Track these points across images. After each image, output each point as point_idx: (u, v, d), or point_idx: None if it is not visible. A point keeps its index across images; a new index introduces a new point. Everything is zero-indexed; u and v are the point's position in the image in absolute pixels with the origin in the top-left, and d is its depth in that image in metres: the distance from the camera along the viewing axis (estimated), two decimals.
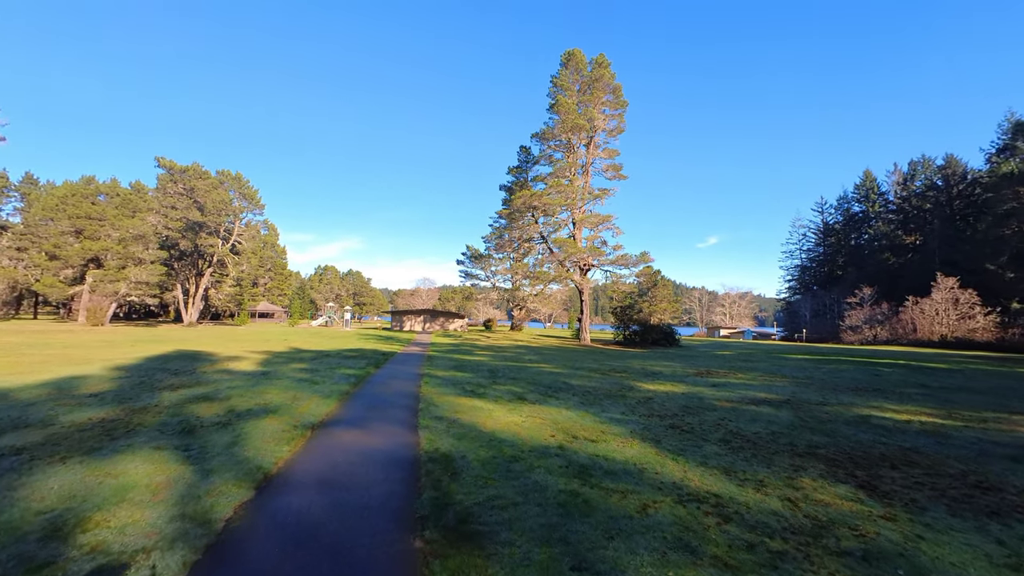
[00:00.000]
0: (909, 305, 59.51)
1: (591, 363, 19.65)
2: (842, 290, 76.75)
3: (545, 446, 6.15)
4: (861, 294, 68.16)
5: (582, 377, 14.19)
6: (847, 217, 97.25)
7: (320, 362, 16.71)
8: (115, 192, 58.51)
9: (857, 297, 68.63)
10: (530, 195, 33.15)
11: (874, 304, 65.73)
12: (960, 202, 75.55)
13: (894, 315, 60.96)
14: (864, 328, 62.10)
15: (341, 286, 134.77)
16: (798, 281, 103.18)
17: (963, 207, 74.70)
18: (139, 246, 46.94)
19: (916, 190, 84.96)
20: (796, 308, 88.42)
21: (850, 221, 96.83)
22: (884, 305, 61.70)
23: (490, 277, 54.97)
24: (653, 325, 39.25)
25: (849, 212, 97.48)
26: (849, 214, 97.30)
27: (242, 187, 58.43)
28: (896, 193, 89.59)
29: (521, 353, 24.55)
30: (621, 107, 37.27)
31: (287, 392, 10.00)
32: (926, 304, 58.19)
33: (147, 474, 4.79)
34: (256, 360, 16.92)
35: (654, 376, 14.99)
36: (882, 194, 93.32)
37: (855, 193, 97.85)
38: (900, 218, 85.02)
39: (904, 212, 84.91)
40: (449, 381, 12.63)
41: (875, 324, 61.51)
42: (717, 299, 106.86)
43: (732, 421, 8.07)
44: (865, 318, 63.04)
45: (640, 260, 31.78)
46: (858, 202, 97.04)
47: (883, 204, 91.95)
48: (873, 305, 65.33)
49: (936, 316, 58.14)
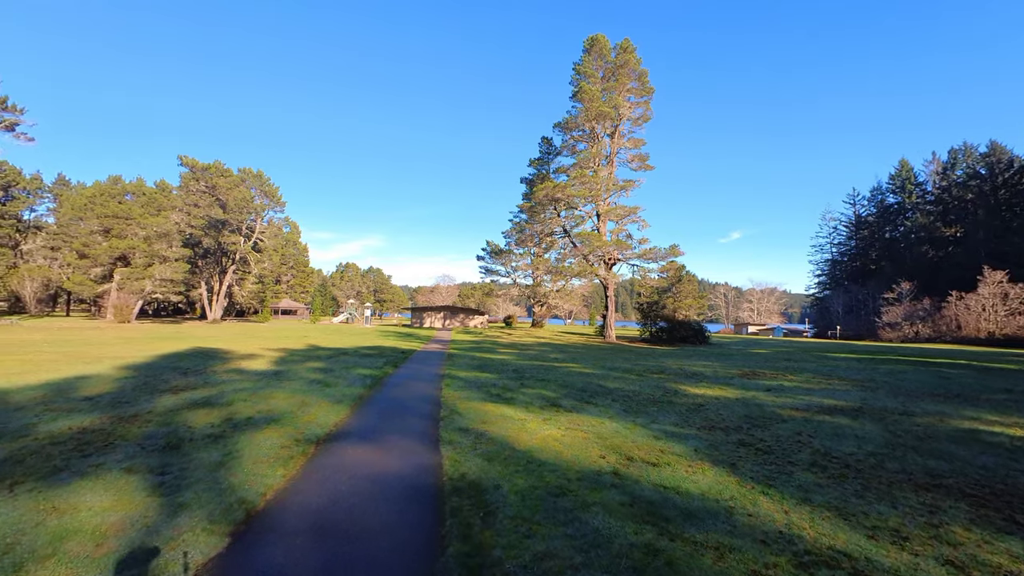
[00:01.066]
0: (952, 301, 56.18)
1: (622, 362, 18.35)
2: (877, 285, 73.17)
3: (596, 471, 4.98)
4: (899, 289, 64.77)
5: (617, 379, 12.94)
6: (881, 209, 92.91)
7: (336, 361, 15.85)
8: (141, 191, 59.34)
9: (894, 292, 65.29)
10: (552, 187, 31.80)
11: (913, 300, 62.36)
12: (1006, 192, 71.05)
13: (936, 311, 57.58)
14: (904, 325, 58.86)
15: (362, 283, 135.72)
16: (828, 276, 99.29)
17: (1009, 197, 70.27)
18: (163, 244, 47.31)
19: (957, 179, 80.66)
20: (827, 304, 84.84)
21: (884, 213, 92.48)
22: (926, 301, 58.34)
23: (510, 273, 53.77)
24: (681, 321, 37.58)
25: (883, 204, 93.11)
26: (883, 206, 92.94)
27: (263, 184, 58.53)
28: (935, 183, 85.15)
29: (545, 351, 23.36)
30: (647, 94, 35.57)
31: (295, 396, 9.04)
32: (972, 299, 54.83)
33: (102, 510, 3.80)
34: (271, 358, 16.17)
35: (696, 378, 13.64)
36: (919, 184, 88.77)
37: (890, 184, 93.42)
38: (939, 209, 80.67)
39: (944, 203, 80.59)
40: (473, 383, 11.54)
41: (916, 321, 58.22)
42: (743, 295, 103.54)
43: (812, 436, 6.75)
44: (904, 314, 59.76)
45: (669, 253, 30.15)
46: (893, 193, 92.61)
47: (920, 195, 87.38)
48: (912, 301, 61.97)
49: (983, 312, 54.74)
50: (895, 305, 62.90)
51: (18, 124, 39.85)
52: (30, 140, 40.47)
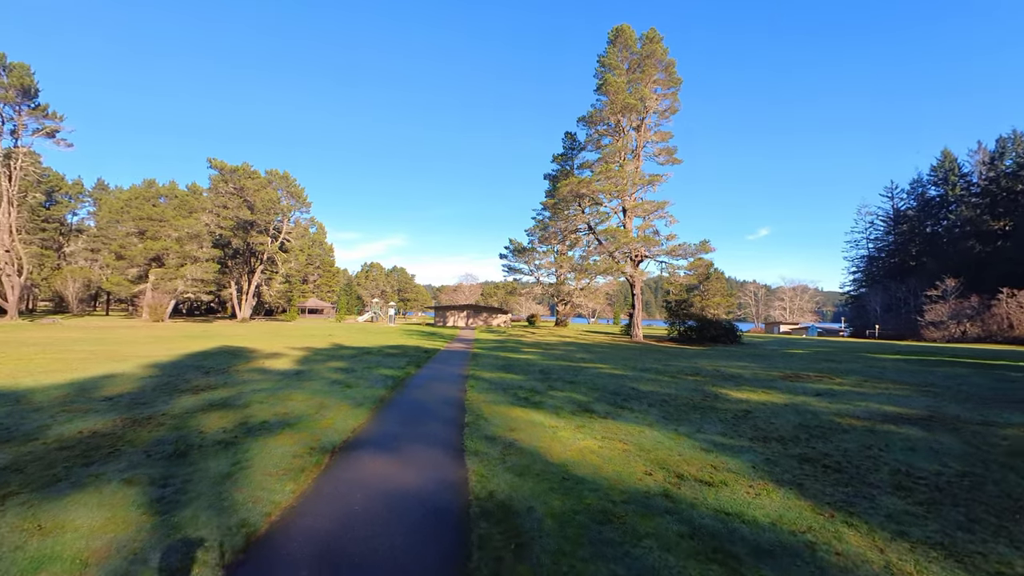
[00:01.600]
0: (1003, 298, 52.88)
1: (652, 363, 17.54)
2: (919, 282, 69.58)
3: (644, 492, 4.35)
4: (943, 286, 61.35)
5: (651, 381, 12.20)
6: (922, 202, 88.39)
7: (359, 360, 15.56)
8: (173, 194, 61.08)
9: (938, 289, 61.84)
10: (577, 183, 31.00)
11: (959, 297, 58.96)
12: None
13: (985, 309, 54.24)
14: (950, 324, 55.73)
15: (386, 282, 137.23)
16: (864, 273, 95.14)
17: None
18: (194, 245, 48.47)
19: (1006, 169, 76.00)
20: (864, 302, 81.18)
21: (925, 206, 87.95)
22: (973, 298, 55.01)
23: (534, 271, 53.10)
24: (711, 320, 36.28)
25: (924, 196, 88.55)
26: (924, 199, 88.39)
27: (289, 186, 59.44)
28: (981, 174, 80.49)
29: (571, 351, 22.67)
30: (674, 85, 34.40)
31: (314, 398, 8.67)
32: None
33: (90, 531, 3.39)
34: (295, 357, 16.01)
35: (735, 380, 12.78)
36: (964, 176, 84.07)
37: (932, 176, 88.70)
38: (986, 202, 76.14)
39: (991, 195, 76.07)
40: (498, 385, 11.00)
41: (963, 319, 55.04)
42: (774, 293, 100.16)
43: (884, 451, 5.95)
44: (950, 312, 56.55)
45: (699, 249, 28.97)
46: (935, 185, 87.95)
47: (965, 187, 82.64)
48: (958, 298, 58.59)
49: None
50: (939, 303, 59.61)
51: (58, 131, 41.31)
52: (69, 146, 41.92)
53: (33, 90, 39.45)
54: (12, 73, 37.63)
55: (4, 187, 39.62)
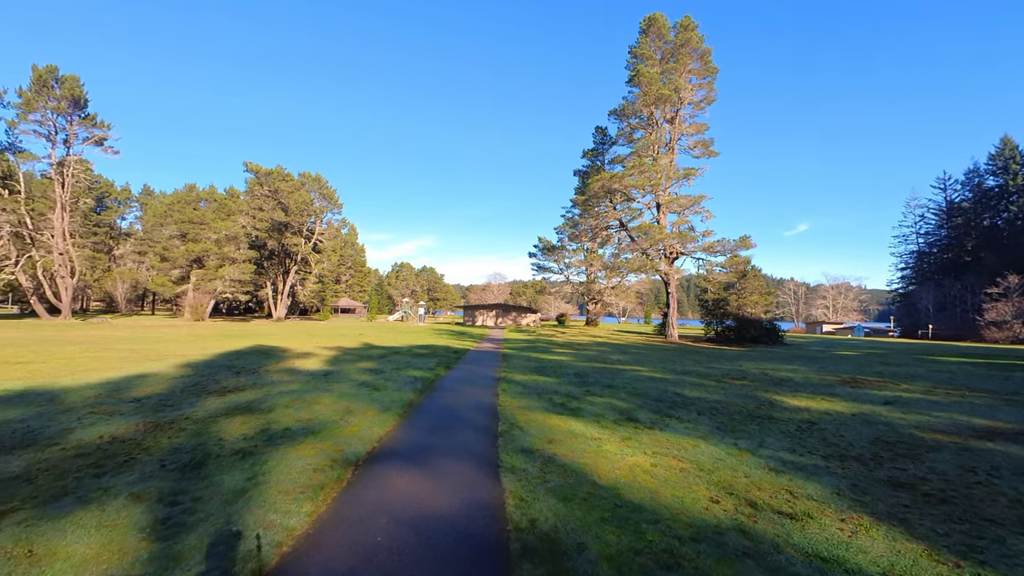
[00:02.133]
0: None
1: (693, 365, 16.58)
2: (978, 279, 64.89)
3: (714, 526, 3.67)
4: (1005, 283, 56.93)
5: (695, 386, 11.36)
6: (979, 193, 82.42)
7: (388, 361, 15.28)
8: (212, 198, 63.23)
9: (1000, 287, 57.41)
10: (609, 178, 30.03)
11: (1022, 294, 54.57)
12: None
13: None
14: (1014, 324, 51.66)
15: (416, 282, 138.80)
16: (914, 270, 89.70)
17: None
18: (232, 246, 49.89)
19: None
20: (914, 300, 76.43)
21: (983, 198, 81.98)
22: None
23: (563, 270, 52.28)
24: (751, 320, 34.63)
25: (981, 187, 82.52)
26: (981, 189, 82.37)
27: (322, 188, 60.55)
28: None
29: (605, 352, 21.86)
30: (710, 74, 32.93)
31: (340, 402, 8.31)
32: None
33: (82, 560, 3.00)
34: (325, 357, 15.88)
35: (787, 386, 11.78)
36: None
37: (990, 164, 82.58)
38: None
39: None
40: (532, 389, 10.41)
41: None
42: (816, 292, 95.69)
43: (993, 475, 5.04)
44: (1015, 312, 52.39)
45: (739, 245, 27.52)
46: (994, 175, 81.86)
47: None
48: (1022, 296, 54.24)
49: None
50: (1000, 301, 55.37)
51: (106, 139, 43.18)
52: (115, 153, 43.75)
53: (83, 100, 41.36)
54: (64, 85, 39.53)
55: (58, 193, 41.72)
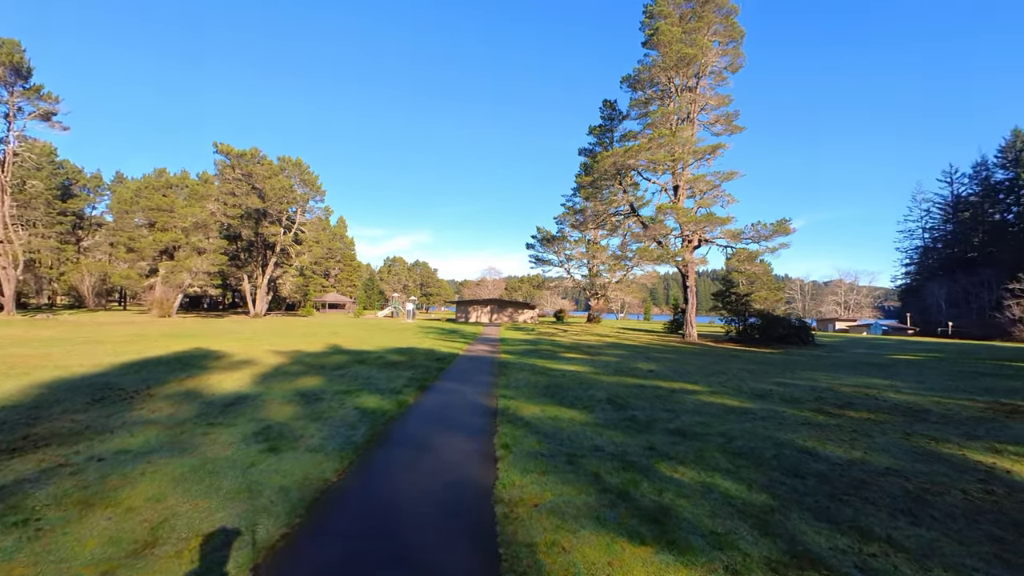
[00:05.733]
0: None
1: (752, 379, 12.54)
2: (996, 274, 61.58)
3: None
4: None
5: (808, 429, 7.29)
6: (987, 187, 79.15)
7: (342, 376, 11.15)
8: (184, 184, 58.46)
9: (1022, 283, 53.96)
10: (623, 153, 25.82)
11: None
12: None
13: None
14: None
15: (409, 277, 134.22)
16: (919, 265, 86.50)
17: None
18: (200, 235, 45.31)
19: None
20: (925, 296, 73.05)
21: (991, 191, 78.71)
22: None
23: (564, 262, 48.16)
24: (778, 318, 30.78)
25: (989, 181, 79.26)
26: (989, 183, 79.10)
27: (303, 173, 55.87)
28: None
29: (625, 358, 17.77)
30: (735, 39, 28.82)
31: (174, 491, 4.18)
32: None
33: None
34: (262, 369, 11.74)
35: (948, 426, 7.76)
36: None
37: (999, 157, 79.29)
38: None
39: None
40: (553, 441, 6.30)
41: None
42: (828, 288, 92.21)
43: None
44: None
45: (776, 230, 23.41)
46: (1003, 168, 78.60)
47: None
48: None
49: None
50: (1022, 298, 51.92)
51: (54, 113, 38.45)
52: (65, 129, 39.05)
53: (25, 69, 36.55)
54: (1, 49, 34.76)
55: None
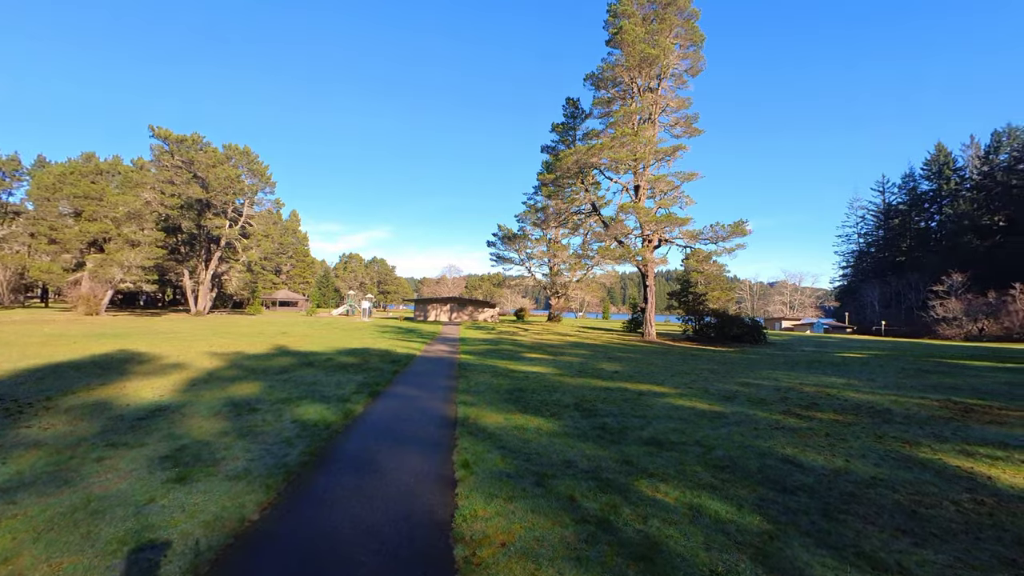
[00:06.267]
0: (1017, 293, 49.74)
1: (717, 380, 12.49)
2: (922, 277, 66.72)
3: None
4: (950, 281, 58.21)
5: (784, 433, 7.07)
6: (913, 197, 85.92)
7: (285, 382, 10.13)
8: (116, 170, 53.85)
9: (944, 285, 58.66)
10: (586, 151, 25.67)
11: (965, 292, 55.89)
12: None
13: (1002, 306, 51.03)
14: (964, 321, 52.45)
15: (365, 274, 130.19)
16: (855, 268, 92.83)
17: None
18: (134, 226, 41.73)
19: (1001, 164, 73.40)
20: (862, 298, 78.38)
21: (917, 201, 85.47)
22: (991, 294, 51.76)
23: (524, 260, 47.83)
24: (733, 317, 31.73)
25: (916, 191, 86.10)
26: (916, 193, 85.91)
27: (251, 163, 52.69)
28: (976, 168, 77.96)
29: (588, 358, 17.50)
30: (696, 43, 29.36)
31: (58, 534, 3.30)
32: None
33: None
34: (191, 375, 10.52)
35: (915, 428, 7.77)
36: (958, 170, 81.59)
37: (925, 170, 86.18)
38: (981, 196, 73.55)
39: (986, 189, 73.52)
40: (519, 457, 5.71)
41: (979, 316, 51.78)
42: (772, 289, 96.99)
43: None
44: (964, 309, 53.25)
45: (734, 231, 23.97)
46: (928, 179, 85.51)
47: (959, 181, 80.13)
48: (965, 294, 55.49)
49: None
50: (946, 299, 56.44)
51: None
52: None
53: None
54: None
55: None
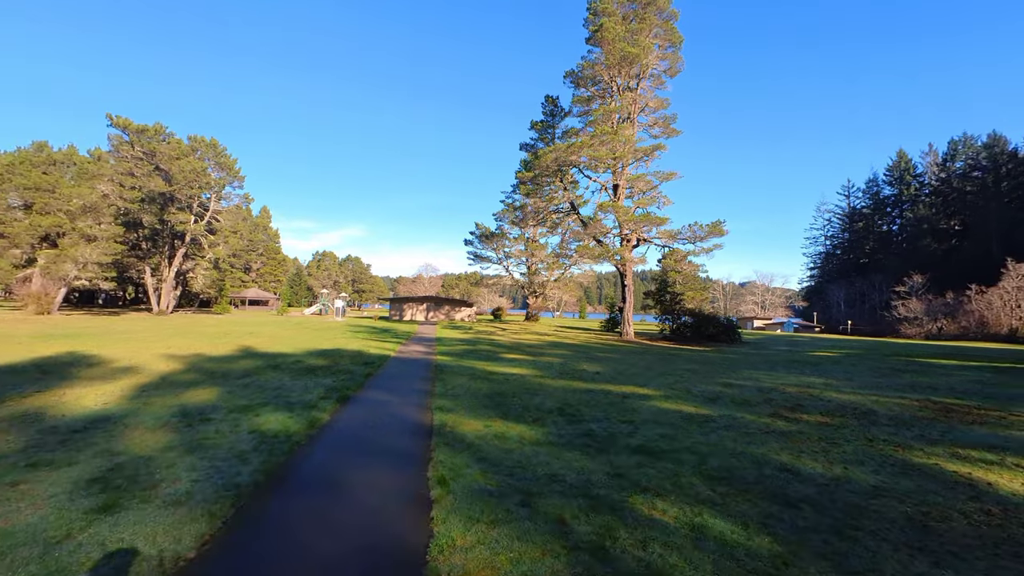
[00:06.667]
0: (972, 295, 52.04)
1: (699, 381, 12.31)
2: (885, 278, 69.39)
3: None
4: (911, 282, 60.64)
5: (775, 438, 6.83)
6: (876, 201, 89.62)
7: (248, 384, 9.41)
8: (71, 161, 51.01)
9: (905, 286, 61.09)
10: (565, 148, 25.40)
11: (925, 293, 58.33)
12: (1008, 183, 67.17)
13: (958, 306, 53.34)
14: (924, 320, 54.61)
15: (340, 272, 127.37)
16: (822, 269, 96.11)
17: (1011, 188, 66.38)
18: (90, 220, 39.44)
19: (957, 171, 77.06)
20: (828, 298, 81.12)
21: (880, 205, 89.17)
22: (949, 295, 54.03)
23: (502, 259, 47.40)
24: (709, 316, 31.95)
25: (879, 196, 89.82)
26: (879, 198, 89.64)
27: (218, 156, 50.57)
28: (934, 175, 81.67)
29: (568, 358, 17.18)
30: (674, 44, 29.47)
31: None
32: (994, 295, 50.66)
33: None
34: (147, 377, 9.68)
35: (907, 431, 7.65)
36: (918, 176, 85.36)
37: (887, 176, 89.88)
38: (939, 201, 77.03)
39: (943, 195, 77.07)
40: (502, 472, 5.26)
41: (938, 316, 53.99)
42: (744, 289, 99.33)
43: None
44: (924, 309, 55.46)
45: (711, 231, 24.10)
46: (890, 185, 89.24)
47: (918, 187, 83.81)
48: (925, 294, 57.90)
49: (1004, 307, 50.59)
50: (906, 299, 58.74)
51: None
52: None
53: None
54: None
55: None
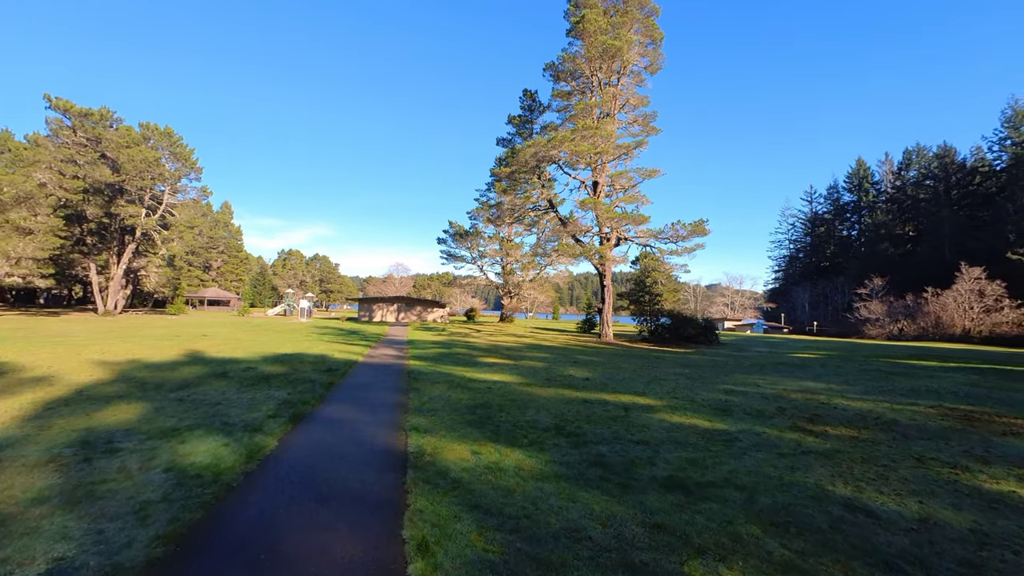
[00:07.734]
0: (929, 297, 54.06)
1: (698, 387, 11.43)
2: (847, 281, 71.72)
3: None
4: (872, 285, 62.75)
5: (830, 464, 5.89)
6: (837, 207, 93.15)
7: (183, 399, 7.89)
8: (5, 147, 46.63)
9: (867, 288, 63.17)
10: (545, 143, 24.37)
11: (885, 295, 60.45)
12: (958, 192, 70.58)
13: (917, 308, 55.32)
14: (886, 321, 56.42)
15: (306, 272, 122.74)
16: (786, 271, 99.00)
17: (960, 196, 69.78)
18: (24, 211, 35.89)
19: (911, 180, 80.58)
20: (794, 300, 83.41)
21: (840, 211, 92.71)
22: (908, 297, 55.98)
23: (477, 259, 46.10)
24: (688, 318, 31.63)
25: (839, 202, 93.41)
26: (839, 204, 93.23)
27: (173, 145, 47.23)
28: (890, 183, 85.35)
29: (551, 363, 16.10)
30: (655, 41, 28.97)
31: None
32: (949, 297, 52.70)
33: None
34: (59, 390, 8.03)
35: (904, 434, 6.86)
36: (875, 183, 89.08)
37: (847, 182, 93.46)
38: (894, 208, 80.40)
39: (898, 202, 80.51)
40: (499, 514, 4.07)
41: (899, 317, 55.88)
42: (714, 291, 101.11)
43: None
44: (886, 311, 57.34)
45: (694, 231, 23.53)
46: (849, 191, 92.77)
47: (876, 194, 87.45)
48: (886, 296, 59.97)
49: (958, 309, 52.71)
50: (868, 301, 60.70)
51: None
52: None
53: None
54: None
55: None
